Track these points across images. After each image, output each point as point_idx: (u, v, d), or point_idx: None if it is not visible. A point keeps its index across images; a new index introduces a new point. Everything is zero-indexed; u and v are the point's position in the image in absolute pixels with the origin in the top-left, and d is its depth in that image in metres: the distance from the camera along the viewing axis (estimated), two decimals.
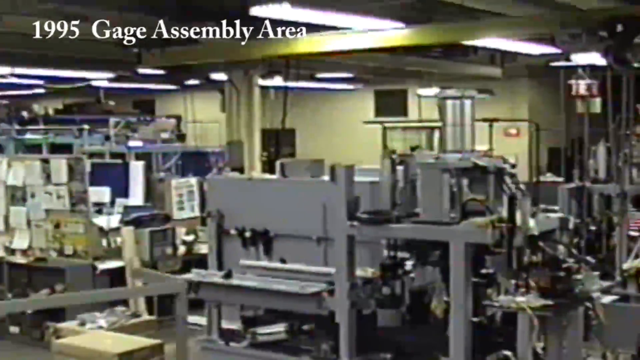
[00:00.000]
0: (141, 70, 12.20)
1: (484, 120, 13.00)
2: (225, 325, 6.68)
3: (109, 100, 23.18)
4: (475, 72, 17.21)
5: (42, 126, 17.24)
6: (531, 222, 5.19)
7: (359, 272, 6.09)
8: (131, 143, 17.44)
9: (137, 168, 13.67)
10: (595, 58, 9.62)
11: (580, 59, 10.25)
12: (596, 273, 5.77)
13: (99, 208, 13.11)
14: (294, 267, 6.55)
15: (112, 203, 13.74)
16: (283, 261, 6.82)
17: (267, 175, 7.51)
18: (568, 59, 10.99)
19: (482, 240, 5.11)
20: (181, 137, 17.44)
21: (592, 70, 10.03)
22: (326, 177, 6.23)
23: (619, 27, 7.31)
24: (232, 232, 7.20)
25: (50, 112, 23.60)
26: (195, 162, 15.72)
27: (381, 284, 5.78)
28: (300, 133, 24.30)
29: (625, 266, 7.01)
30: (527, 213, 5.13)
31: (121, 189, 13.90)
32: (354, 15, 8.66)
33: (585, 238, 8.98)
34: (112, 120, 17.20)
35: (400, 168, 5.80)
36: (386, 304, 5.76)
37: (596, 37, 7.55)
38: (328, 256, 6.45)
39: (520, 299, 5.28)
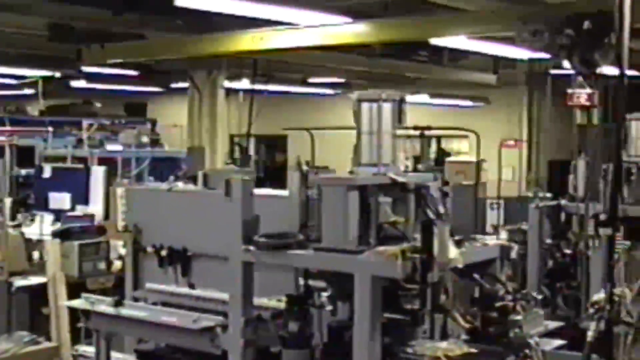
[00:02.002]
0: (88, 69, 11.34)
1: (415, 128, 11.99)
2: (120, 358, 5.83)
3: (95, 102, 22.52)
4: (468, 78, 16.27)
5: (8, 127, 16.44)
6: (453, 252, 4.29)
7: (271, 303, 5.25)
8: (110, 147, 16.65)
9: (98, 173, 12.85)
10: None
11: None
12: (541, 312, 4.90)
13: (58, 215, 12.48)
14: (202, 294, 5.73)
15: (73, 210, 13.07)
16: (192, 286, 6.00)
17: (189, 187, 6.67)
18: (559, 66, 10.09)
19: (390, 274, 4.21)
20: (154, 142, 16.61)
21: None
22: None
23: (587, 24, 6.40)
24: (149, 249, 6.49)
25: (36, 113, 22.93)
26: (167, 168, 14.88)
27: (288, 318, 4.90)
28: (292, 139, 23.44)
29: (595, 298, 5.97)
30: (447, 241, 4.22)
31: (82, 196, 13.21)
32: (298, 10, 7.79)
33: (560, 263, 8.16)
34: (85, 122, 16.40)
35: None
36: (291, 343, 4.85)
37: (561, 36, 6.64)
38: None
39: (440, 344, 4.42)
